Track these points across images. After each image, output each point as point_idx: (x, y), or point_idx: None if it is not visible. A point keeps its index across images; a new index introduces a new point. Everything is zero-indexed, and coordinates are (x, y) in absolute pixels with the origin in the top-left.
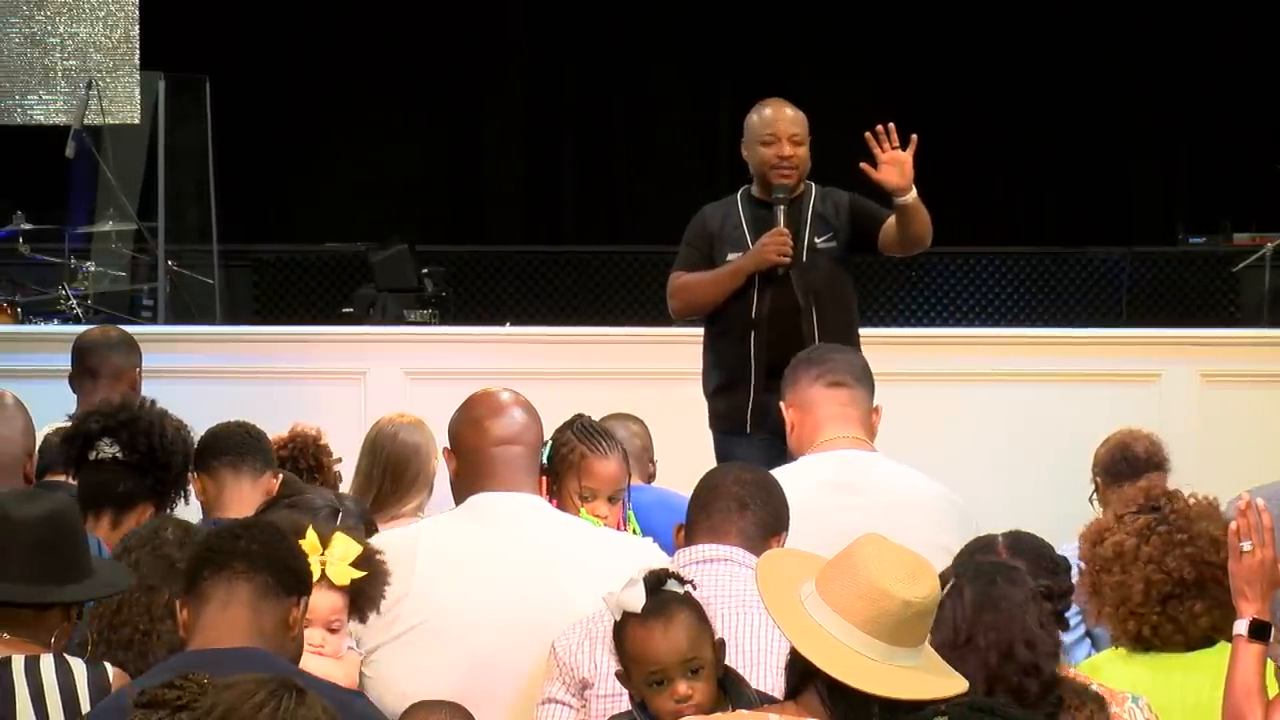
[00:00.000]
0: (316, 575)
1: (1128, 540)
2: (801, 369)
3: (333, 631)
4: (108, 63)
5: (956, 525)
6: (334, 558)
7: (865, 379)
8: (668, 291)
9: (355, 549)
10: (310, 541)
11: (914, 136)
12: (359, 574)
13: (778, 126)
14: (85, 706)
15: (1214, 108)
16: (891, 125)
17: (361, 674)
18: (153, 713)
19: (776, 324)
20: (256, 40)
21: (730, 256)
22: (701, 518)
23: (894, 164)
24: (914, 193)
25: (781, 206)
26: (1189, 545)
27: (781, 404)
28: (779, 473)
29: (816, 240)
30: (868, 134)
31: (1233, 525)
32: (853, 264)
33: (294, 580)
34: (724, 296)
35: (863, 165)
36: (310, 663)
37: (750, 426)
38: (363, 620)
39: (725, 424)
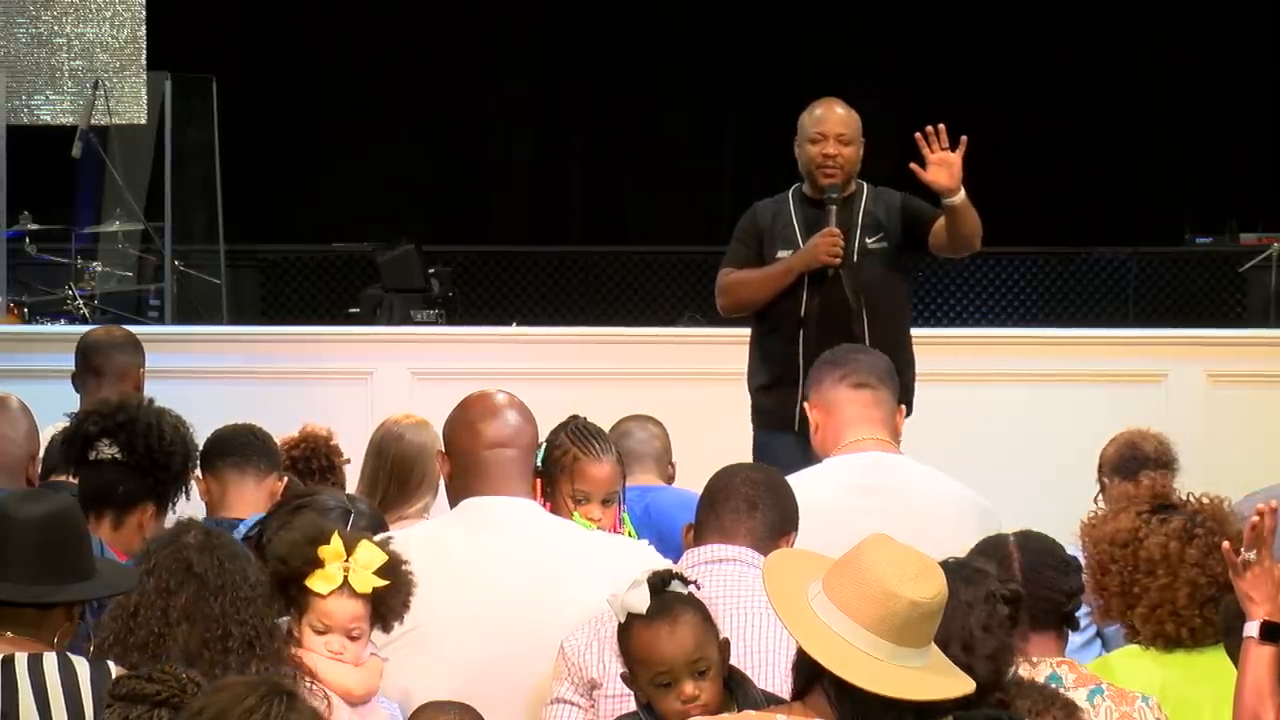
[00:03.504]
0: (339, 581)
1: (1171, 543)
2: (825, 369)
3: (353, 639)
4: (114, 63)
5: (980, 528)
6: (358, 564)
7: (889, 380)
8: (716, 289)
9: (380, 557)
10: (334, 547)
11: (964, 138)
12: (381, 583)
13: (825, 125)
14: (88, 705)
15: (1220, 108)
16: (942, 126)
17: None
18: (131, 707)
19: (826, 323)
20: (263, 40)
21: (781, 254)
22: (711, 518)
23: (943, 165)
24: (962, 194)
25: (833, 206)
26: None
27: (805, 404)
28: (804, 474)
29: (868, 241)
30: (917, 135)
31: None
32: (905, 265)
33: None
34: (773, 295)
35: (912, 165)
36: (327, 668)
37: (798, 424)
38: (385, 630)
39: (771, 420)
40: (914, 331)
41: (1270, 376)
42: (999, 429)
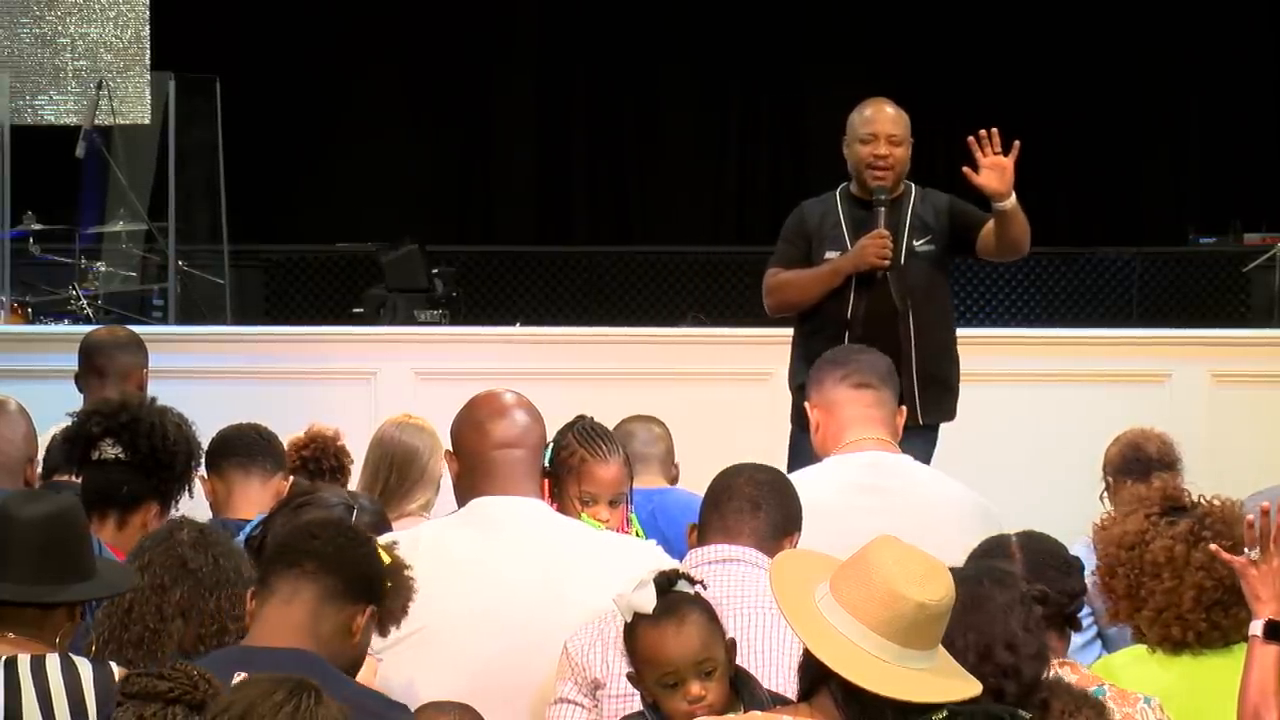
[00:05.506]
0: None
1: (1177, 546)
2: (827, 369)
3: None
4: (118, 63)
5: (981, 528)
6: None
7: (890, 380)
8: (764, 288)
9: (383, 559)
10: None
11: (1016, 142)
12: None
13: (876, 125)
14: (91, 706)
15: (1223, 107)
16: (995, 130)
17: None
18: (144, 705)
19: (872, 326)
20: (267, 41)
21: (828, 255)
22: (714, 517)
23: (995, 169)
24: (1013, 198)
25: (882, 208)
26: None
27: (806, 404)
28: (804, 473)
29: (915, 243)
30: (970, 138)
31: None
32: (950, 267)
33: (363, 587)
34: (820, 296)
35: (964, 169)
36: None
37: None
38: (384, 633)
39: None
40: None
41: (1274, 376)
42: (1001, 429)
